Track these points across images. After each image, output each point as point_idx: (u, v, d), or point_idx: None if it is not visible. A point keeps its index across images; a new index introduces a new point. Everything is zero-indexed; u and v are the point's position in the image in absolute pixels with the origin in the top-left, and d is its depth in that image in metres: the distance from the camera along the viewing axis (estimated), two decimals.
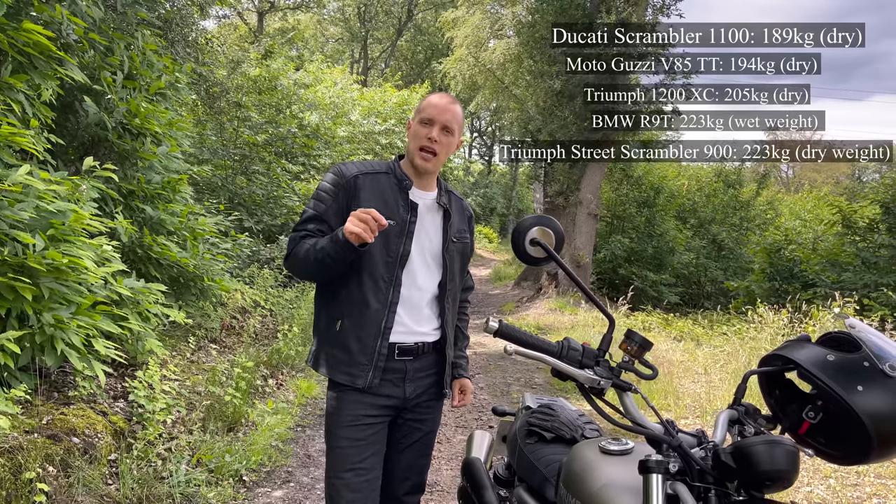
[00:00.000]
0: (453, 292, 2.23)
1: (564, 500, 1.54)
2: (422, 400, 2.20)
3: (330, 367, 2.12)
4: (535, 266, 1.71)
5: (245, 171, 11.47)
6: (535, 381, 7.15)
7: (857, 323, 1.58)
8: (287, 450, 4.35)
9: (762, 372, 1.59)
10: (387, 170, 2.16)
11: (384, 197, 2.09)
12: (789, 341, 1.64)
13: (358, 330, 2.06)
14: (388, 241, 2.06)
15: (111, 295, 4.17)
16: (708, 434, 1.44)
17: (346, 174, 2.11)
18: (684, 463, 1.35)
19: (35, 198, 3.74)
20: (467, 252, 2.29)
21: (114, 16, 5.92)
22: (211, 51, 10.39)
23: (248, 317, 6.97)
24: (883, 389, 1.40)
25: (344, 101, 18.34)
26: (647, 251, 17.96)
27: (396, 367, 2.10)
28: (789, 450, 1.28)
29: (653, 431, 1.40)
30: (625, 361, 1.48)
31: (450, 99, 2.15)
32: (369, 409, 2.08)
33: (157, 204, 5.75)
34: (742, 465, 1.29)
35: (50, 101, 4.37)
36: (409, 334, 2.12)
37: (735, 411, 1.50)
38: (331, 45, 35.89)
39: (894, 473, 4.38)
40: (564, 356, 1.45)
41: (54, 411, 3.41)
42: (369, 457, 2.07)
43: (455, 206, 2.24)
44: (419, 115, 2.13)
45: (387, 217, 1.98)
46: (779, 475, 1.27)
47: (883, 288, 10.86)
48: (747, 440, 1.30)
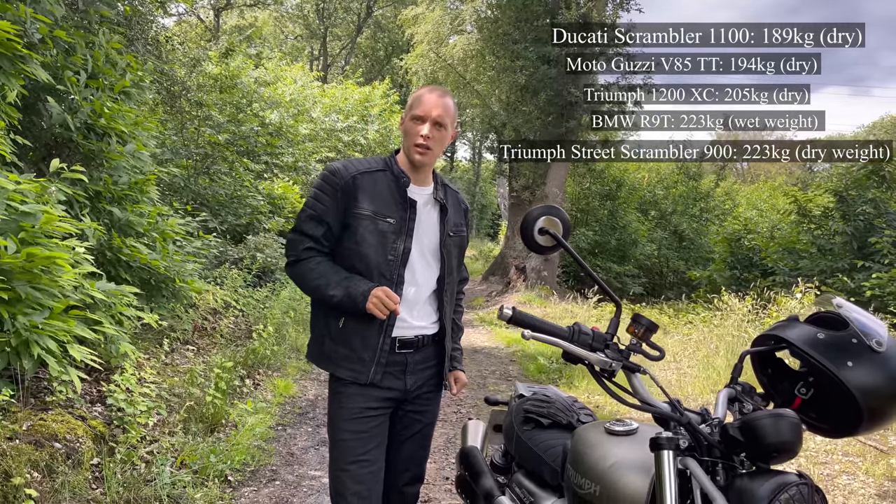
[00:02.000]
0: (451, 286, 2.26)
1: (573, 479, 1.59)
2: (422, 392, 2.23)
3: (333, 364, 2.14)
4: (543, 254, 1.76)
5: (207, 171, 11.31)
6: (511, 372, 7.23)
7: (843, 303, 1.66)
8: (270, 449, 4.33)
9: (756, 351, 1.66)
10: (383, 167, 2.17)
11: (383, 196, 2.11)
12: (780, 322, 1.71)
13: (362, 328, 2.09)
14: (389, 240, 2.09)
15: (84, 298, 4.10)
16: (710, 412, 1.51)
17: (343, 175, 2.11)
18: (693, 439, 1.41)
19: (4, 199, 3.66)
20: (463, 245, 2.33)
21: (74, 15, 5.80)
22: (171, 49, 10.22)
23: (220, 318, 6.89)
24: (871, 364, 1.48)
25: (304, 99, 18.17)
26: (611, 243, 18.25)
27: (397, 360, 2.14)
28: (793, 422, 1.34)
29: (662, 410, 1.46)
30: (633, 344, 1.53)
31: (440, 92, 2.15)
32: (372, 402, 2.12)
33: (124, 205, 5.65)
34: (750, 439, 1.35)
35: (15, 101, 4.27)
36: (408, 328, 2.15)
37: (733, 389, 1.57)
38: (290, 43, 35.51)
39: (861, 451, 4.55)
40: (576, 340, 1.50)
41: (34, 417, 3.35)
42: (373, 448, 2.11)
43: (451, 201, 2.26)
44: (411, 111, 2.14)
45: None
46: (784, 446, 1.33)
47: (838, 274, 11.21)
48: (753, 414, 1.37)
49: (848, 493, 3.92)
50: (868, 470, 4.21)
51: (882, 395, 1.49)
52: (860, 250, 11.63)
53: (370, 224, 2.08)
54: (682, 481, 1.39)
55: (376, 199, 2.09)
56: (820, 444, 4.75)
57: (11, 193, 3.67)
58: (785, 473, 1.34)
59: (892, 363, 1.50)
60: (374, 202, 2.09)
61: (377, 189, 2.11)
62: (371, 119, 19.47)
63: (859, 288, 10.39)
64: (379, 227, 2.09)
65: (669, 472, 1.35)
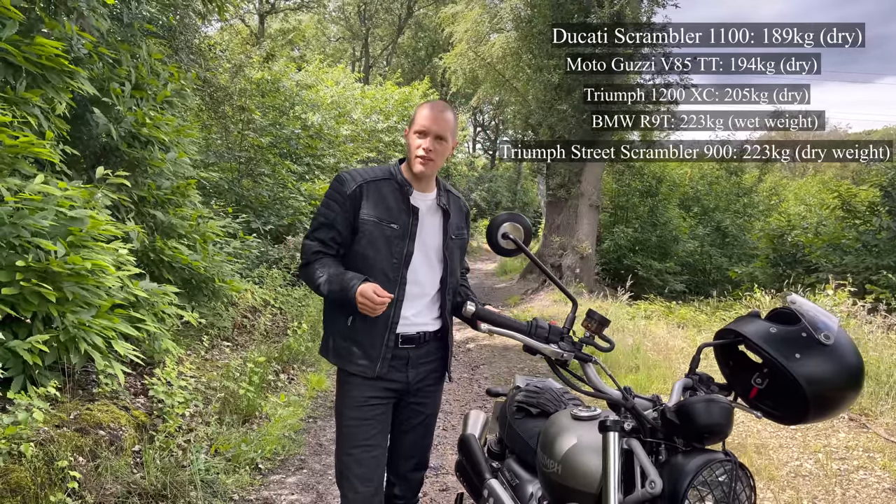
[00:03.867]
0: (453, 285, 2.42)
1: (541, 460, 1.74)
2: (424, 384, 2.40)
3: (343, 359, 2.33)
4: (507, 256, 1.93)
5: (251, 174, 11.68)
6: (540, 369, 7.35)
7: (797, 299, 1.77)
8: (300, 439, 4.57)
9: (715, 344, 1.79)
10: (388, 175, 2.33)
11: (388, 203, 2.28)
12: (740, 317, 1.84)
13: (368, 326, 2.27)
14: (393, 244, 2.26)
15: (128, 297, 4.40)
16: (661, 399, 1.65)
17: (350, 184, 2.28)
18: (637, 422, 1.56)
19: (54, 206, 3.97)
20: (464, 246, 2.50)
21: (120, 27, 6.14)
22: (214, 56, 10.60)
23: (259, 315, 7.19)
24: (818, 356, 1.60)
25: (346, 100, 18.51)
26: (651, 240, 18.08)
27: (400, 355, 2.32)
28: (723, 406, 1.48)
29: (611, 396, 1.61)
30: (586, 337, 1.68)
31: (440, 107, 2.30)
32: (376, 392, 2.30)
33: (167, 209, 5.97)
34: (684, 421, 1.49)
35: (64, 113, 4.59)
36: (411, 325, 2.32)
37: (690, 379, 1.71)
38: (332, 45, 36.08)
39: (882, 448, 4.55)
40: (533, 333, 1.66)
41: (80, 407, 3.64)
42: (376, 434, 2.30)
43: (453, 205, 2.42)
44: (413, 126, 2.30)
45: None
46: (715, 428, 1.47)
47: (883, 271, 10.98)
48: (688, 399, 1.51)
49: (861, 487, 3.95)
50: (886, 466, 4.22)
51: (827, 385, 1.60)
52: None
53: (376, 229, 2.25)
54: (630, 460, 1.53)
55: (381, 206, 2.27)
56: (842, 440, 4.77)
57: (60, 200, 3.99)
58: (713, 452, 1.47)
59: (838, 356, 1.62)
60: (379, 209, 2.26)
61: (382, 197, 2.28)
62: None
63: None
64: (384, 231, 2.26)
65: (614, 451, 1.50)
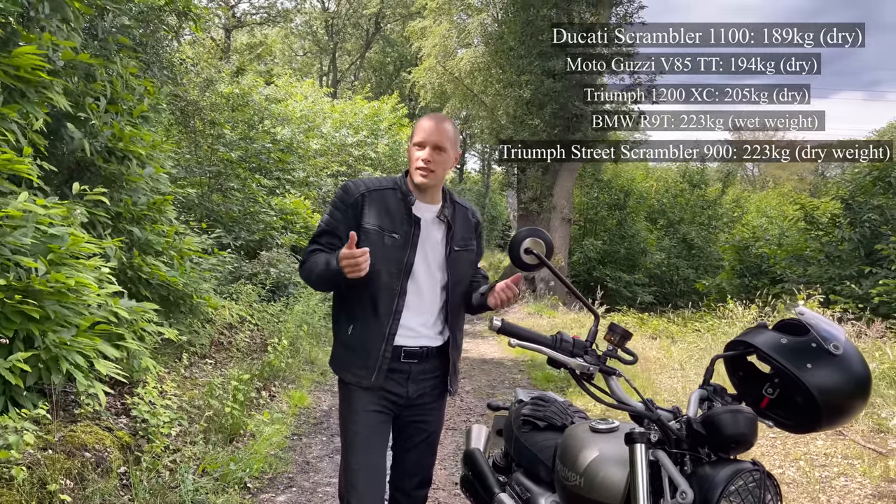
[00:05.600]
0: (457, 297, 2.37)
1: (561, 473, 1.76)
2: (424, 400, 2.38)
3: (342, 367, 2.34)
4: (529, 272, 1.93)
5: (220, 188, 11.55)
6: (520, 381, 7.38)
7: (805, 310, 1.83)
8: (286, 457, 4.51)
9: (727, 356, 1.83)
10: (393, 185, 2.33)
11: (389, 212, 2.27)
12: (750, 329, 1.88)
13: (365, 335, 2.27)
14: (394, 254, 2.24)
15: (108, 316, 4.31)
16: (682, 410, 1.68)
17: (354, 192, 2.29)
18: (663, 434, 1.58)
19: (33, 223, 3.89)
20: (474, 257, 2.47)
21: (94, 42, 6.05)
22: (185, 71, 10.50)
23: (236, 332, 7.10)
24: (829, 366, 1.64)
25: (315, 115, 18.44)
26: (620, 252, 18.36)
27: (401, 369, 2.29)
28: (749, 417, 1.51)
29: (636, 408, 1.63)
30: (609, 350, 1.71)
31: (438, 119, 2.31)
32: (375, 402, 2.29)
33: (143, 225, 5.88)
34: (711, 431, 1.52)
35: (41, 129, 4.50)
36: (414, 338, 2.30)
37: (705, 390, 1.74)
38: (299, 59, 35.98)
39: (859, 454, 4.66)
40: (558, 347, 1.68)
41: (64, 428, 3.55)
42: (379, 444, 2.30)
43: (459, 217, 2.40)
44: (413, 138, 2.31)
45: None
46: (741, 438, 1.51)
47: (846, 281, 11.29)
48: (714, 410, 1.54)
49: (844, 493, 4.04)
50: (866, 472, 4.33)
51: (838, 393, 1.65)
52: (867, 257, 11.70)
53: (377, 238, 2.24)
54: (655, 471, 1.56)
55: (383, 216, 2.26)
56: (820, 447, 4.87)
57: (40, 217, 3.90)
58: (741, 462, 1.51)
59: (847, 365, 1.67)
60: (381, 218, 2.26)
61: (385, 206, 2.28)
62: (380, 133, 19.75)
63: (867, 294, 10.46)
64: (385, 241, 2.24)
65: (642, 463, 1.53)
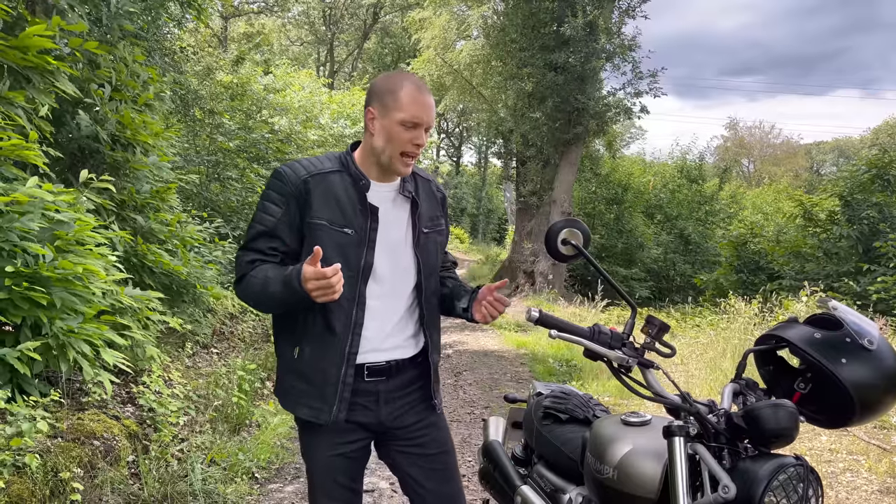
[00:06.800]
0: (431, 289, 1.99)
1: (593, 466, 1.75)
2: (406, 422, 1.96)
3: (291, 401, 1.91)
4: (566, 262, 1.86)
5: (218, 178, 11.50)
6: (521, 374, 7.38)
7: (838, 305, 1.82)
8: (293, 447, 4.50)
9: (759, 350, 1.82)
10: (338, 167, 1.88)
11: (340, 201, 1.84)
12: (780, 323, 1.87)
13: (319, 357, 1.85)
14: (347, 255, 1.82)
15: (114, 304, 4.29)
16: (717, 404, 1.67)
17: (293, 179, 1.83)
18: (701, 427, 1.58)
19: (40, 209, 3.85)
20: (442, 239, 2.05)
21: (98, 29, 6.00)
22: (186, 59, 10.44)
23: (237, 322, 7.08)
24: (863, 361, 1.64)
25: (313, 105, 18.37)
26: (618, 247, 18.39)
27: (367, 390, 1.90)
28: (791, 411, 1.51)
29: (673, 401, 1.63)
30: (647, 342, 1.69)
31: (427, 90, 1.86)
32: (341, 439, 1.91)
33: (147, 213, 5.85)
34: (752, 426, 1.52)
35: (47, 115, 4.47)
36: (378, 352, 1.90)
37: (737, 384, 1.74)
38: (296, 49, 35.81)
39: (865, 450, 4.68)
40: (596, 339, 1.67)
41: (72, 416, 3.52)
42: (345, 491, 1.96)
43: (423, 191, 1.99)
44: (398, 112, 1.79)
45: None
46: (783, 432, 1.50)
47: (844, 278, 11.34)
48: (756, 404, 1.53)
49: (851, 489, 4.06)
50: (871, 468, 4.35)
51: (873, 389, 1.64)
52: (865, 254, 11.76)
53: (326, 235, 1.81)
54: (692, 465, 1.55)
55: (332, 206, 1.82)
56: (825, 443, 4.89)
57: (47, 203, 3.87)
58: (783, 456, 1.50)
59: (881, 360, 1.66)
60: (329, 209, 1.82)
61: (332, 193, 1.83)
62: None
63: (865, 291, 10.51)
64: (335, 238, 1.81)
65: (681, 456, 1.52)
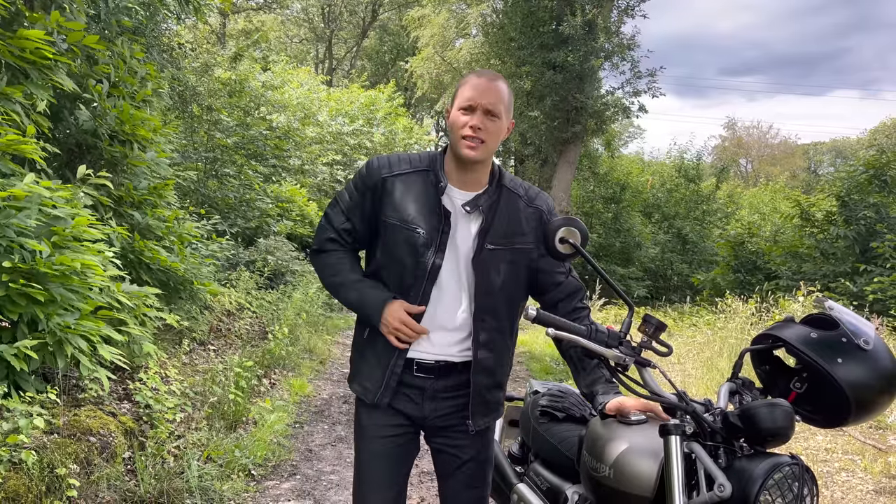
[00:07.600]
0: (488, 309, 1.93)
1: (589, 464, 1.75)
2: (448, 423, 2.00)
3: (351, 375, 2.05)
4: (563, 261, 1.82)
5: (216, 174, 11.48)
6: (518, 373, 7.39)
7: (834, 305, 1.82)
8: (289, 445, 4.50)
9: (755, 349, 1.82)
10: (427, 166, 1.93)
11: (416, 202, 1.89)
12: (777, 323, 1.88)
13: (378, 342, 1.95)
14: (418, 254, 1.88)
15: (111, 301, 4.28)
16: (713, 403, 1.67)
17: (374, 174, 1.92)
18: (697, 426, 1.58)
19: (37, 205, 3.84)
20: (525, 259, 1.97)
21: (96, 25, 5.98)
22: (184, 55, 10.42)
23: (234, 319, 7.07)
24: (859, 361, 1.64)
25: (311, 102, 18.36)
26: (615, 246, 18.41)
27: (413, 383, 1.96)
28: (787, 410, 1.51)
29: (670, 400, 1.63)
30: (644, 341, 1.70)
31: (491, 75, 1.87)
32: (384, 424, 1.99)
33: (144, 209, 5.84)
34: (748, 425, 1.52)
35: (45, 110, 4.45)
36: (431, 351, 1.94)
37: (734, 384, 1.74)
38: (295, 46, 35.75)
39: (860, 449, 4.70)
40: (593, 338, 1.67)
41: (68, 413, 3.52)
42: (391, 471, 2.01)
43: (506, 204, 1.94)
44: (457, 100, 1.86)
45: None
46: (779, 432, 1.50)
47: (841, 278, 11.36)
48: (752, 403, 1.54)
49: (846, 489, 4.07)
50: (867, 467, 4.36)
51: (869, 389, 1.65)
52: (862, 254, 11.78)
53: (398, 234, 1.89)
54: (688, 463, 1.56)
55: (407, 206, 1.88)
56: (820, 442, 4.90)
57: (44, 199, 3.86)
58: (779, 455, 1.50)
59: (877, 360, 1.66)
60: (403, 209, 1.88)
61: (410, 194, 1.88)
62: (376, 122, 19.71)
63: (861, 292, 10.53)
64: (407, 237, 1.87)
65: (677, 455, 1.53)
